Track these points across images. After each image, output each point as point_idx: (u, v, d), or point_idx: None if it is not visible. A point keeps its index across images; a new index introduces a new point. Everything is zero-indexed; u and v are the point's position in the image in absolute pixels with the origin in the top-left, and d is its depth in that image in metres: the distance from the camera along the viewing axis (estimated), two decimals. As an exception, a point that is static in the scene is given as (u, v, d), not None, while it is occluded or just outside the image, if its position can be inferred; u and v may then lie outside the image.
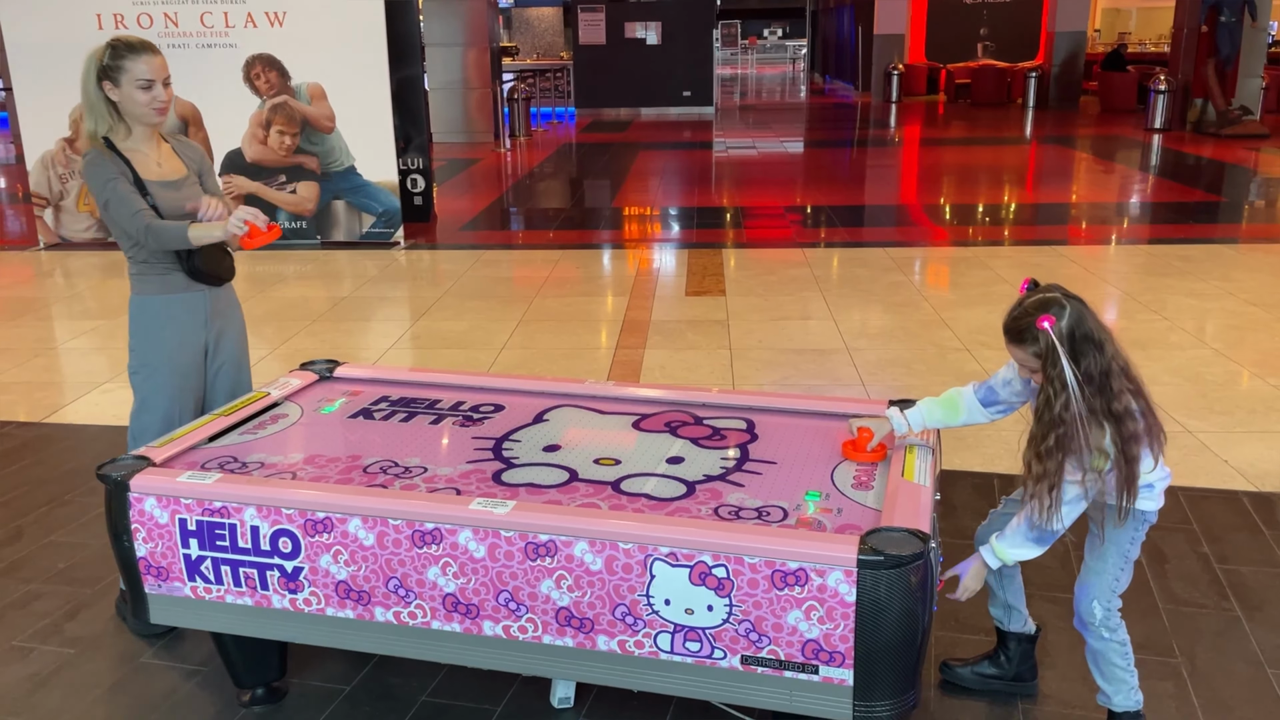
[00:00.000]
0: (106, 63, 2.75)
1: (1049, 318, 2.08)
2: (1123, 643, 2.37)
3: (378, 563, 2.22)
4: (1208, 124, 14.37)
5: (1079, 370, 2.07)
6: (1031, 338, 2.11)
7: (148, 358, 2.91)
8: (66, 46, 7.84)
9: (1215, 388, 4.75)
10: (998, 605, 2.58)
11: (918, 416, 2.49)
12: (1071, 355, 2.08)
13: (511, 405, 2.90)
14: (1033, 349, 2.12)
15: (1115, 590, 2.34)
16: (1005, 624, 2.59)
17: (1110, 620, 2.35)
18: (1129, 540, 2.31)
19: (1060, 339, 2.07)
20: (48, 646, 2.91)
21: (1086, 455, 2.11)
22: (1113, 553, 2.32)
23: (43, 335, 6.02)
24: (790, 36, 39.84)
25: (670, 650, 2.10)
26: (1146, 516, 2.30)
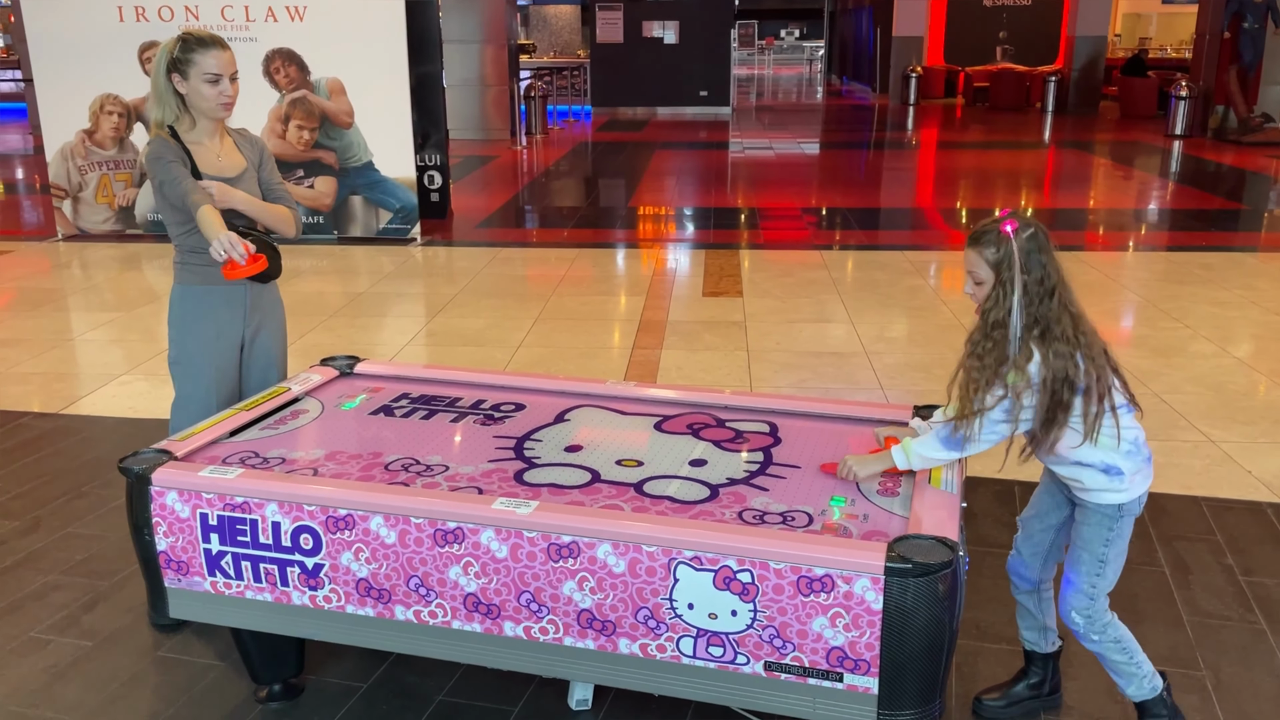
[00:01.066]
0: (176, 55, 2.80)
1: (1012, 223, 2.16)
2: (1116, 640, 2.35)
3: (399, 561, 2.21)
4: (1229, 131, 14.26)
5: (1026, 280, 2.14)
6: (990, 241, 2.17)
7: (186, 348, 2.95)
8: (88, 39, 7.89)
9: (1238, 397, 4.71)
10: (1034, 629, 2.54)
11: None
12: (1023, 267, 2.14)
13: (532, 404, 2.89)
14: (989, 251, 2.17)
15: (1093, 596, 2.32)
16: (1041, 647, 2.55)
17: (1094, 625, 2.33)
18: (1101, 541, 2.29)
19: (1019, 246, 2.14)
20: (65, 638, 2.91)
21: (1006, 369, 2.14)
22: (1085, 558, 2.31)
23: (60, 326, 6.04)
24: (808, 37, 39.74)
25: (693, 655, 2.08)
26: (1119, 512, 2.27)
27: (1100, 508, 2.28)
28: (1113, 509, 2.28)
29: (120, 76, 7.94)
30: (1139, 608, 3.01)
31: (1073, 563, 2.34)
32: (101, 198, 8.32)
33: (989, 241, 2.18)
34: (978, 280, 2.22)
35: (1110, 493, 2.26)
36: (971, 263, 2.22)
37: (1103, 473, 2.24)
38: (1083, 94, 19.22)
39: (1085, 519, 2.32)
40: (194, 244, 2.88)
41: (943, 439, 2.26)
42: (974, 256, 2.21)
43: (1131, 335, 5.73)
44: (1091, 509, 2.30)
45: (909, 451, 2.29)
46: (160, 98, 2.85)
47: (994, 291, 2.18)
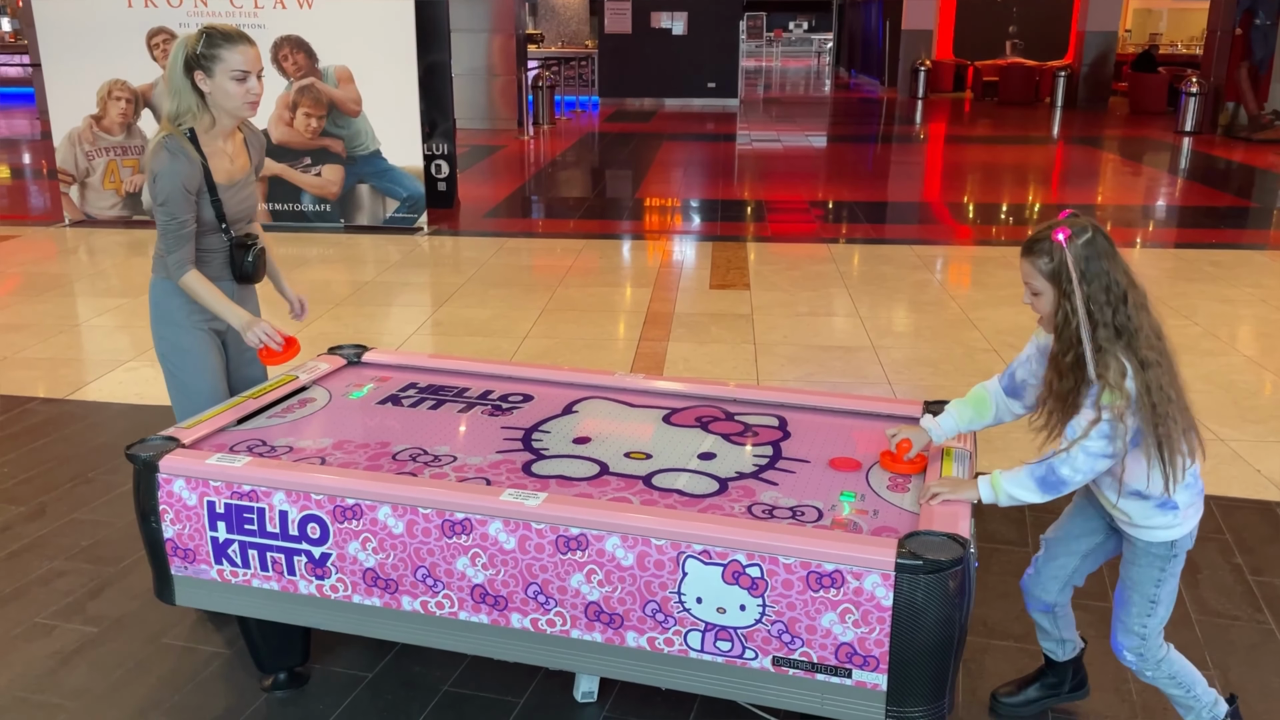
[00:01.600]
0: (200, 51, 2.65)
1: (1065, 230, 2.04)
2: (1172, 676, 2.27)
3: (406, 551, 2.20)
4: (1239, 128, 14.20)
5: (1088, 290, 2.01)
6: (1043, 250, 2.06)
7: (178, 340, 2.85)
8: (96, 24, 7.87)
9: (1248, 396, 4.68)
10: (1052, 641, 2.48)
11: (950, 423, 2.40)
12: (1082, 276, 2.02)
13: (540, 395, 2.88)
14: (1042, 261, 2.06)
15: (1144, 636, 2.23)
16: (1059, 655, 2.49)
17: (1148, 662, 2.25)
18: (1153, 582, 2.19)
19: (1075, 255, 2.02)
20: (70, 624, 2.90)
21: (1096, 390, 2.01)
22: (1135, 599, 2.21)
23: (66, 312, 6.03)
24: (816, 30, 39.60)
25: (700, 649, 2.07)
26: (1171, 550, 2.17)
27: (1151, 546, 2.17)
28: (1165, 547, 2.17)
29: (128, 62, 7.92)
30: (1147, 606, 2.99)
31: (1122, 602, 2.24)
32: (109, 183, 8.32)
33: (1042, 250, 2.06)
34: (1035, 291, 2.10)
35: (1162, 530, 2.15)
36: (1026, 274, 2.10)
37: (1158, 507, 2.13)
38: (1092, 89, 19.13)
39: (1135, 559, 2.21)
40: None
41: (1038, 479, 2.09)
42: (1028, 267, 2.09)
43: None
44: (1141, 549, 2.19)
45: (998, 489, 2.12)
46: (177, 94, 2.69)
47: (1060, 305, 2.05)
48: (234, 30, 2.72)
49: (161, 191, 2.66)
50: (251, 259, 2.90)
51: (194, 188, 2.71)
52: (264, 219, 8.42)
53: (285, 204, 8.22)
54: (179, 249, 2.71)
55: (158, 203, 2.68)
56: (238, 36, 2.71)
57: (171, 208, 2.67)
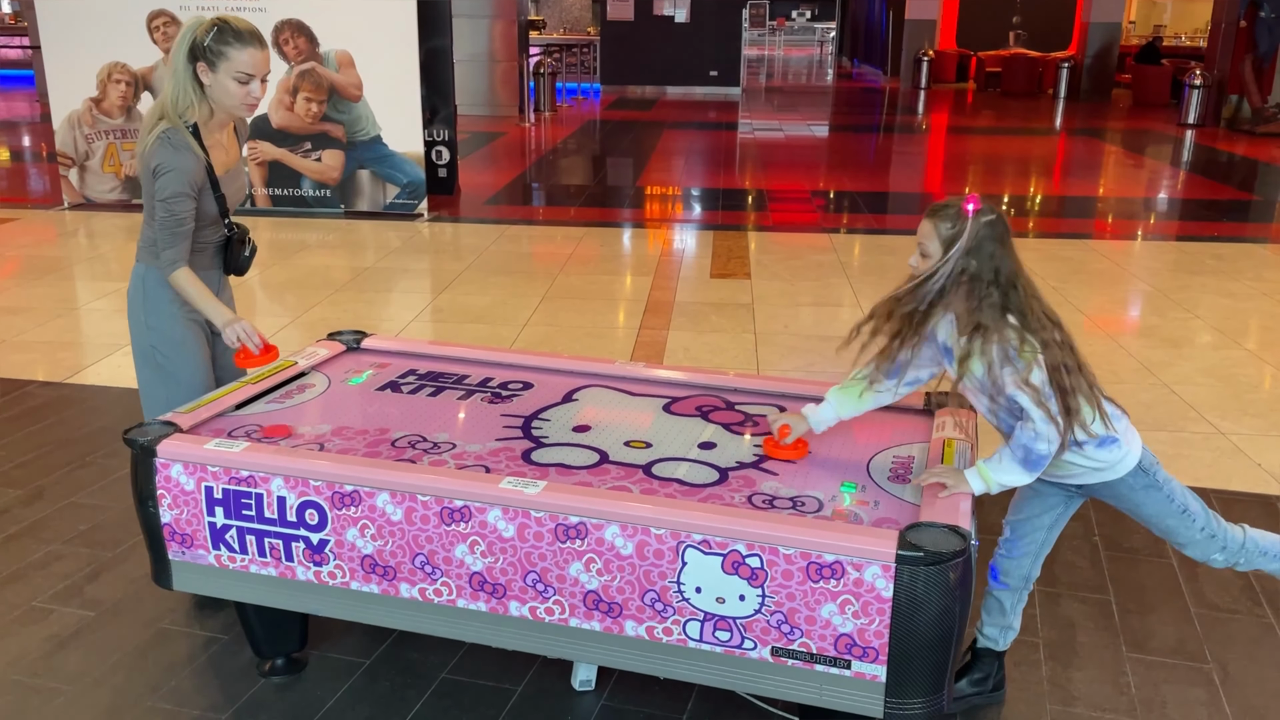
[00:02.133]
0: (208, 44, 2.56)
1: (975, 202, 2.08)
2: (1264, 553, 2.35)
3: (405, 538, 2.19)
4: (1243, 121, 14.16)
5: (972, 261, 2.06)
6: (949, 216, 2.09)
7: (170, 332, 2.77)
8: (96, 6, 7.83)
9: (1249, 389, 4.67)
10: (997, 626, 2.49)
11: (829, 410, 2.41)
12: (970, 250, 2.06)
13: (540, 383, 2.86)
14: (944, 226, 2.09)
15: (1212, 534, 2.29)
16: (997, 645, 2.50)
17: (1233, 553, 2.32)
18: (1165, 499, 2.26)
19: (973, 230, 2.06)
20: (68, 608, 2.90)
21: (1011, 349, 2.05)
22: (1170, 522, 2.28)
23: (65, 295, 6.02)
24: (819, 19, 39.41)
25: (699, 639, 2.07)
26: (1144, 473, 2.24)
27: (1133, 485, 2.23)
28: (1138, 475, 2.23)
29: (129, 44, 7.89)
30: (1146, 600, 2.99)
31: (1166, 532, 2.31)
32: (108, 166, 8.29)
33: (947, 215, 2.10)
34: (925, 254, 2.14)
35: (1119, 463, 2.21)
36: (924, 234, 2.14)
37: (1099, 447, 2.18)
38: (1095, 81, 19.07)
39: (1138, 502, 2.27)
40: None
41: (1020, 460, 2.12)
42: (928, 228, 2.12)
43: (1141, 325, 5.69)
44: (1126, 490, 2.25)
45: (988, 480, 2.14)
46: (178, 82, 2.60)
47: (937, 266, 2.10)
48: (247, 29, 2.61)
49: (165, 187, 2.59)
50: (248, 254, 2.90)
51: (198, 185, 2.65)
52: (264, 204, 8.44)
53: (285, 189, 8.19)
54: (175, 246, 2.64)
55: (159, 198, 2.60)
56: (249, 36, 2.60)
57: (174, 205, 2.60)
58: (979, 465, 2.16)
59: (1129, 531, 3.35)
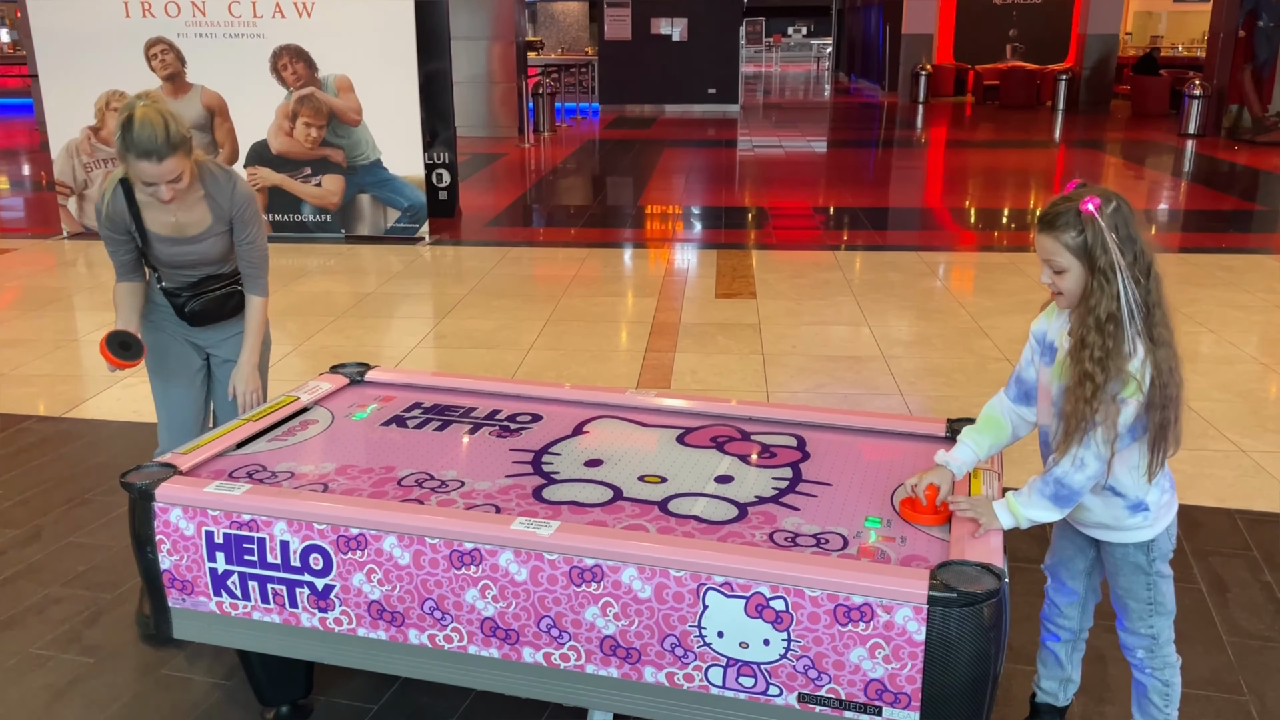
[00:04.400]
0: (116, 142, 2.61)
1: (1093, 199, 1.88)
2: (1165, 684, 2.18)
3: (413, 583, 2.11)
4: (1243, 130, 14.12)
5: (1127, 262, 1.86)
6: (1069, 223, 1.89)
7: (155, 343, 2.90)
8: (93, 34, 7.80)
9: (1268, 404, 4.59)
10: (1055, 679, 2.36)
11: (969, 454, 2.22)
12: (1120, 247, 1.87)
13: (549, 415, 2.79)
14: (1069, 235, 1.89)
15: (1155, 635, 2.14)
16: (1059, 699, 2.38)
17: (1155, 661, 2.17)
18: (1144, 586, 2.11)
19: (1108, 225, 1.87)
20: (66, 655, 2.81)
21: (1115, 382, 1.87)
22: (1132, 606, 2.13)
23: (65, 326, 5.95)
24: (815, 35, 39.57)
25: (722, 685, 1.98)
26: (1150, 554, 2.08)
27: (1128, 553, 2.09)
28: (1141, 552, 2.09)
29: (126, 73, 7.84)
30: (1178, 628, 2.86)
31: (1122, 611, 2.16)
32: (106, 195, 8.22)
33: (1067, 223, 1.89)
34: (1058, 270, 1.93)
35: (1134, 531, 2.07)
36: (1048, 250, 1.92)
37: (1129, 509, 2.05)
38: (1094, 92, 19.08)
39: (1118, 569, 2.13)
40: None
41: (1050, 496, 1.98)
42: (1050, 243, 1.91)
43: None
44: (1120, 557, 2.11)
45: (1017, 515, 2.01)
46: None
47: (1093, 282, 1.88)
48: (149, 140, 2.55)
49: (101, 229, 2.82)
50: (190, 309, 2.90)
51: (121, 230, 2.78)
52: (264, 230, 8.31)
53: (285, 215, 8.14)
54: (113, 262, 2.85)
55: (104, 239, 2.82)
56: (146, 153, 2.56)
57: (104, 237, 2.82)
58: (1008, 499, 2.06)
59: (1155, 556, 3.26)
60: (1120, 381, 1.91)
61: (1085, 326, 1.92)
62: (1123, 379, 1.91)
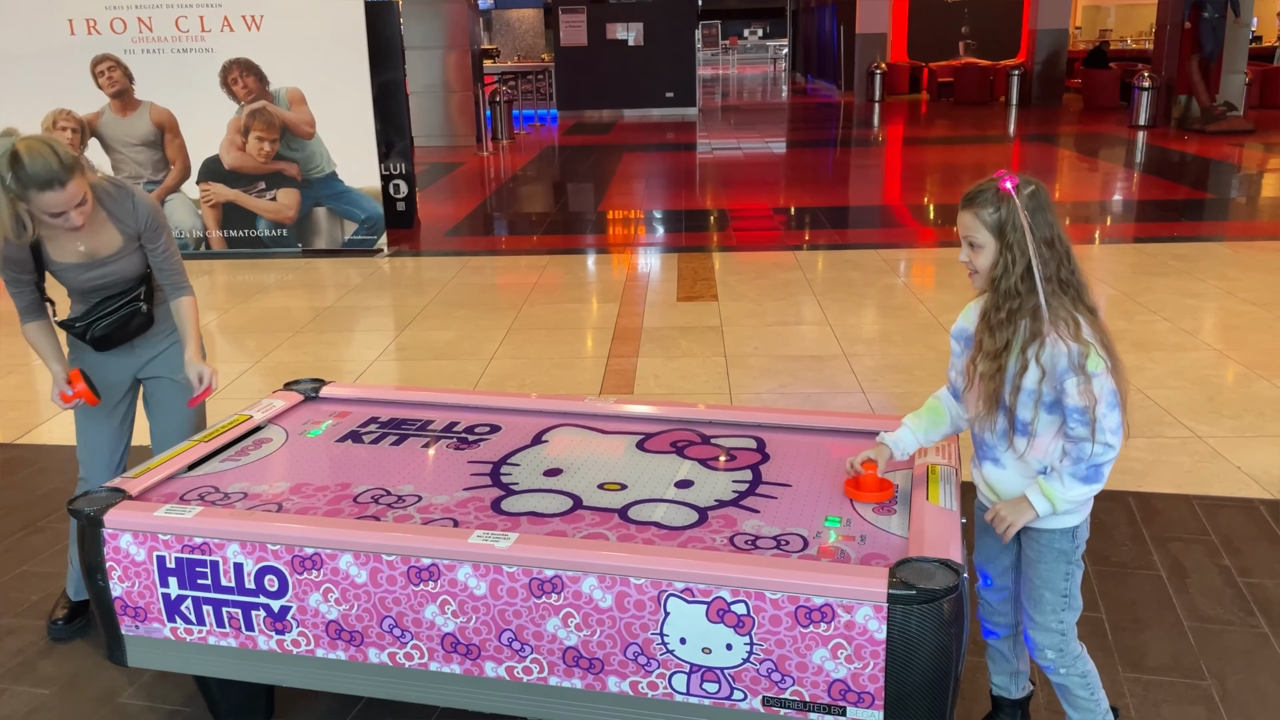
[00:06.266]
0: (9, 184, 2.44)
1: (1011, 179, 1.97)
2: (1083, 675, 2.18)
3: (371, 601, 2.08)
4: (1192, 120, 14.36)
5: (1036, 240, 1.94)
6: (988, 200, 1.98)
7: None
8: (39, 52, 7.67)
9: (1222, 390, 4.66)
10: (1005, 674, 2.36)
11: (908, 435, 2.28)
12: (1030, 226, 1.94)
13: (508, 425, 2.76)
14: (986, 212, 1.98)
15: (1063, 632, 2.14)
16: (1011, 692, 2.37)
17: (1065, 659, 2.16)
18: (1062, 577, 2.10)
19: (1023, 205, 1.95)
20: (21, 687, 2.75)
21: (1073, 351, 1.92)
22: (1047, 596, 2.12)
23: (16, 350, 5.83)
24: (771, 36, 39.79)
25: (686, 691, 1.97)
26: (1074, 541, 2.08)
27: (1053, 539, 2.08)
28: (1066, 538, 2.08)
29: (73, 91, 7.72)
30: (1138, 615, 2.93)
31: (1034, 602, 2.15)
32: (56, 216, 8.08)
33: (986, 200, 1.98)
34: (974, 244, 2.02)
35: (1060, 516, 2.05)
36: (968, 226, 2.01)
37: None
38: (1046, 87, 19.31)
39: (1040, 556, 2.11)
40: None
41: (1083, 478, 1.98)
42: (970, 220, 2.01)
43: (1109, 329, 5.67)
44: (1045, 544, 2.10)
45: (1054, 500, 2.00)
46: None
47: (1000, 257, 1.98)
48: (43, 170, 2.41)
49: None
50: (92, 334, 2.81)
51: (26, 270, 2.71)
52: (219, 246, 8.26)
53: (240, 230, 8.04)
54: (15, 304, 2.76)
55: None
56: (46, 182, 2.43)
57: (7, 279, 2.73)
58: (1041, 485, 2.03)
59: (1115, 544, 3.30)
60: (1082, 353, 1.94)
61: (990, 299, 2.03)
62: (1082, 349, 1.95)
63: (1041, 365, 1.97)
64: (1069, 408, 1.97)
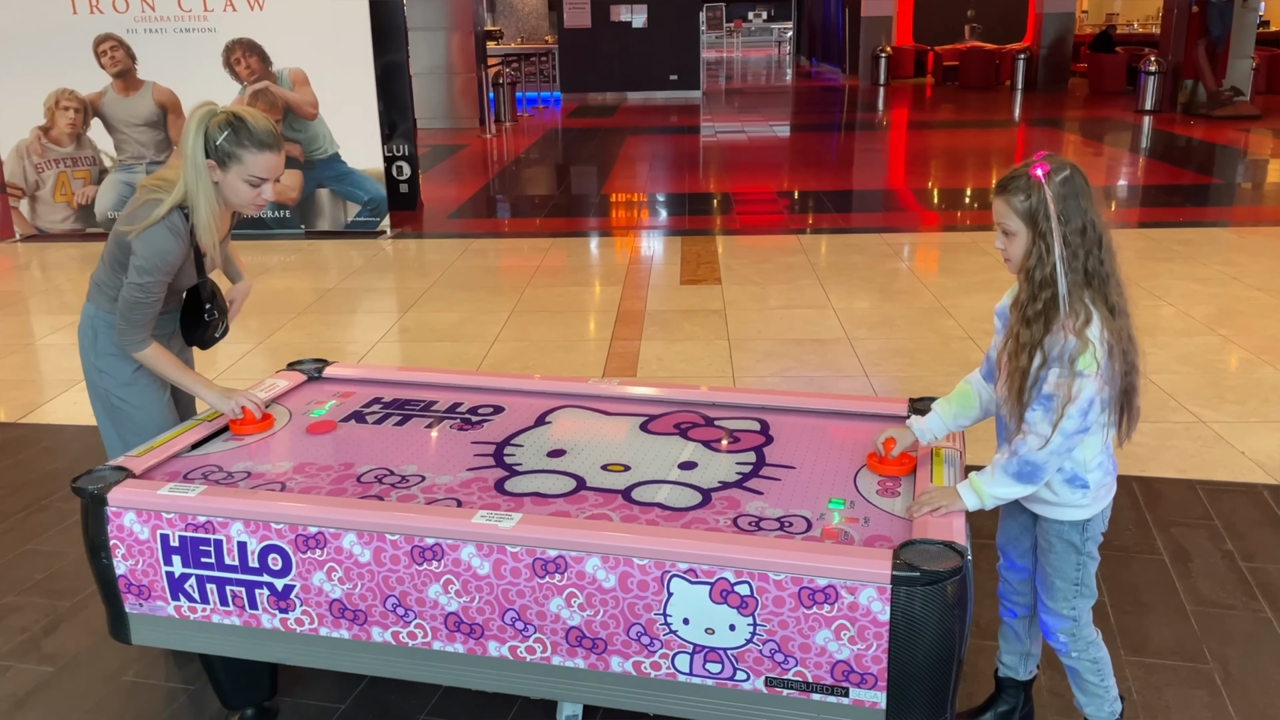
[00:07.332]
0: (220, 143, 2.41)
1: (1044, 165, 1.94)
2: (1094, 660, 2.19)
3: (374, 580, 2.08)
4: (1199, 105, 14.28)
5: (1065, 230, 1.92)
6: (1020, 187, 1.95)
7: (120, 373, 2.67)
8: (40, 32, 7.64)
9: (1227, 376, 4.65)
10: (1016, 654, 2.36)
11: (936, 421, 2.28)
12: (1060, 215, 1.92)
13: (512, 406, 2.76)
14: (1018, 199, 1.95)
15: (1076, 618, 2.15)
16: (1018, 674, 2.37)
17: (1078, 644, 2.17)
18: (1073, 567, 2.11)
19: (1054, 193, 1.92)
20: (25, 664, 2.76)
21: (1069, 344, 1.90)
22: (1059, 584, 2.13)
23: (19, 330, 5.83)
24: (776, 19, 39.56)
25: (689, 672, 1.97)
26: (1084, 534, 2.08)
27: (1062, 530, 2.09)
28: (1076, 530, 2.08)
29: (75, 70, 7.70)
30: (1141, 599, 2.93)
31: (1047, 588, 2.16)
32: (60, 196, 8.08)
33: (1018, 188, 1.95)
34: (1008, 231, 1.99)
35: (1071, 508, 2.06)
36: (1000, 214, 1.99)
37: (1067, 482, 2.04)
38: (1052, 71, 19.20)
39: (1050, 546, 2.12)
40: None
41: (1014, 474, 1.99)
42: (1002, 206, 1.98)
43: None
44: (1054, 534, 2.10)
45: (981, 493, 2.02)
46: (193, 177, 2.43)
47: (1034, 247, 1.94)
48: (265, 129, 2.44)
49: (149, 270, 2.47)
50: (218, 335, 2.79)
51: (177, 269, 2.55)
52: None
53: (243, 211, 8.01)
54: (143, 326, 2.54)
55: (136, 280, 2.47)
56: (267, 140, 2.43)
57: (152, 288, 2.49)
58: (972, 479, 2.06)
59: (1118, 528, 3.29)
60: (1077, 348, 1.91)
61: (1024, 289, 1.98)
62: (1079, 345, 1.92)
63: (1044, 352, 1.95)
64: (1039, 393, 1.95)
